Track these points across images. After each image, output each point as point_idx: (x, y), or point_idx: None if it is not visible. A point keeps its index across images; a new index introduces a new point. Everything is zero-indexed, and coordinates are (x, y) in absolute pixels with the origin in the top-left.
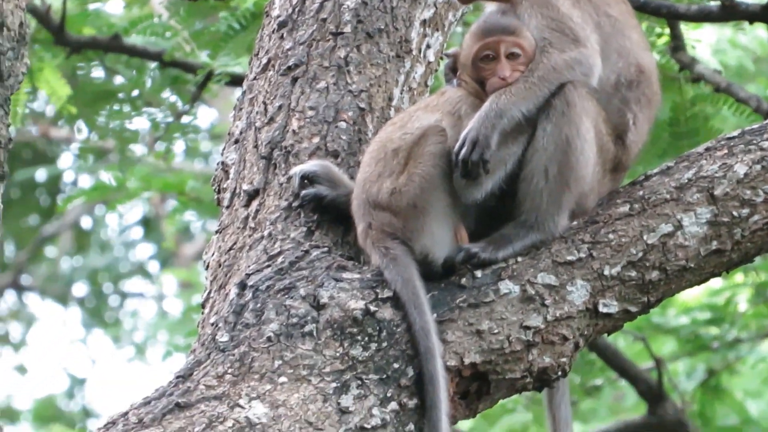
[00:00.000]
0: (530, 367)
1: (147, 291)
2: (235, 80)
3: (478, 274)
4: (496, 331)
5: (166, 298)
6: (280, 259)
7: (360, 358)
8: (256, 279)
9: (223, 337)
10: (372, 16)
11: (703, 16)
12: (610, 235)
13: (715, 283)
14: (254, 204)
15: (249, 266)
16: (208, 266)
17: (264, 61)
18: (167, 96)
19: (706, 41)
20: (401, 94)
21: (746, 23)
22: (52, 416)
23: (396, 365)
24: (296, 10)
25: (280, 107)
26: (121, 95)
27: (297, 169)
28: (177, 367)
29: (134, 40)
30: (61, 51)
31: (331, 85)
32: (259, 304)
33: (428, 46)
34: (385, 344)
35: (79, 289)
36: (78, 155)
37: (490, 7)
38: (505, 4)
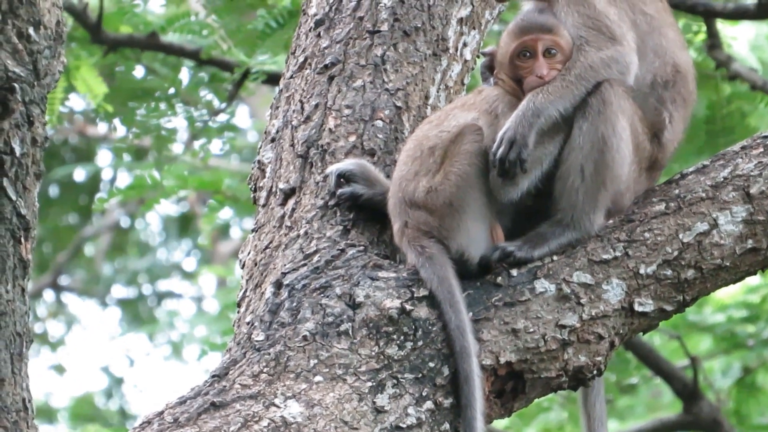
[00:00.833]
0: (566, 366)
1: (185, 291)
2: (272, 78)
3: (514, 272)
4: (531, 329)
5: (205, 298)
6: (315, 258)
7: (395, 357)
8: (291, 278)
9: (259, 336)
10: (409, 15)
11: (740, 14)
12: (646, 234)
13: (752, 280)
14: (290, 202)
15: (285, 265)
16: (244, 265)
17: (301, 59)
18: (204, 94)
19: (744, 38)
20: (438, 92)
21: None
22: (88, 415)
23: (431, 364)
24: (333, 8)
25: (316, 106)
26: (158, 93)
27: (333, 168)
28: (213, 366)
29: (171, 38)
30: (97, 49)
31: (367, 84)
32: (294, 303)
33: (465, 45)
34: (420, 343)
35: (119, 291)
36: (116, 154)
37: (527, 5)
38: (541, 2)
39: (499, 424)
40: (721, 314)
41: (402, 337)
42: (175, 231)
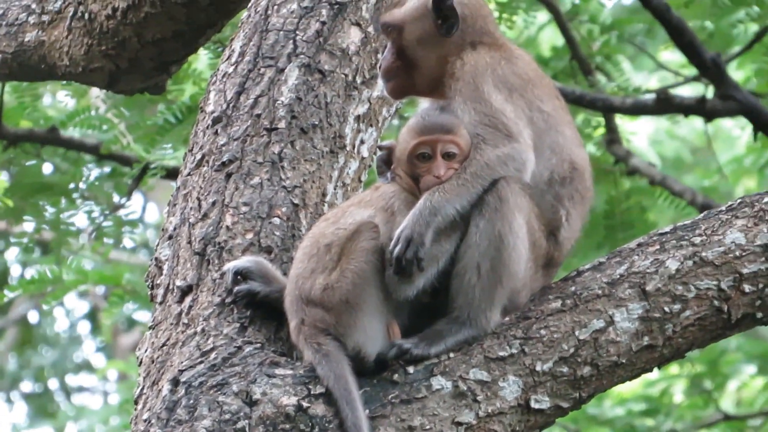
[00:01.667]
0: None
1: (93, 385)
2: (172, 174)
3: (411, 370)
4: (428, 427)
5: (110, 393)
6: (213, 355)
7: None
8: (188, 375)
9: None
10: (306, 112)
11: (639, 110)
12: (542, 331)
13: (651, 374)
14: (187, 300)
15: (182, 362)
16: (141, 362)
17: (198, 156)
18: (105, 188)
19: (644, 132)
20: (335, 189)
21: (681, 116)
22: None
23: None
24: (230, 105)
25: (214, 203)
26: (59, 188)
27: (230, 265)
28: None
29: (71, 132)
30: None
31: (264, 181)
32: (191, 401)
33: (362, 142)
34: None
35: (25, 386)
36: (23, 248)
37: (426, 102)
38: (438, 99)
39: None
40: (621, 408)
41: None
42: (84, 325)
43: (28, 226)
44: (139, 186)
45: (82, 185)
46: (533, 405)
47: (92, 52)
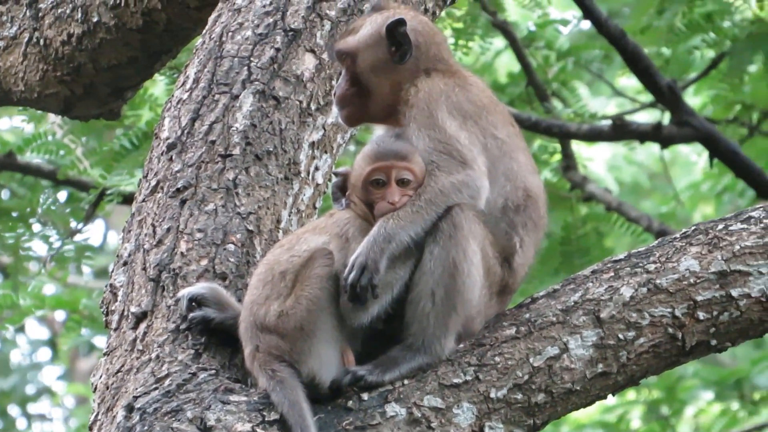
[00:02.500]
0: None
1: (54, 413)
2: (128, 199)
3: (365, 396)
4: None
5: (71, 418)
6: (167, 382)
7: None
8: (143, 401)
9: None
10: (261, 138)
11: (595, 136)
12: (497, 358)
13: (608, 400)
14: (142, 326)
15: (136, 389)
16: (96, 388)
17: (153, 183)
18: (62, 213)
19: (602, 157)
20: (289, 216)
21: (638, 142)
22: None
23: None
24: (185, 131)
25: (168, 229)
26: (15, 214)
27: (185, 292)
28: None
29: (28, 158)
30: None
31: (219, 207)
32: (146, 427)
33: (317, 168)
34: None
35: None
36: None
37: (381, 128)
38: (393, 126)
39: None
40: None
41: None
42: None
43: None
44: (96, 211)
45: (39, 210)
46: None
47: (47, 77)
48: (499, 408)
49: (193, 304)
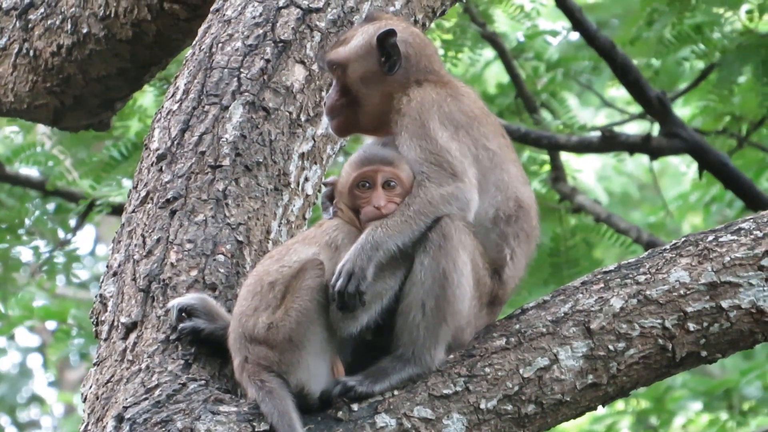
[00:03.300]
0: None
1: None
2: (117, 210)
3: (355, 407)
4: None
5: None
6: (157, 392)
7: None
8: (133, 412)
9: None
10: (250, 150)
11: (584, 147)
12: (487, 369)
13: (597, 411)
14: (132, 337)
15: (126, 399)
16: (85, 399)
17: (143, 193)
18: (50, 224)
19: (591, 168)
20: (279, 227)
21: (627, 154)
22: None
23: None
24: (175, 142)
25: (158, 240)
26: (4, 224)
27: (175, 302)
28: None
29: (17, 168)
30: None
31: (209, 218)
32: None
33: (306, 179)
34: None
35: None
36: None
37: (370, 138)
38: (383, 136)
39: None
40: None
41: None
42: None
43: None
44: (84, 222)
45: (28, 221)
46: None
47: (37, 88)
48: (489, 419)
49: (183, 314)
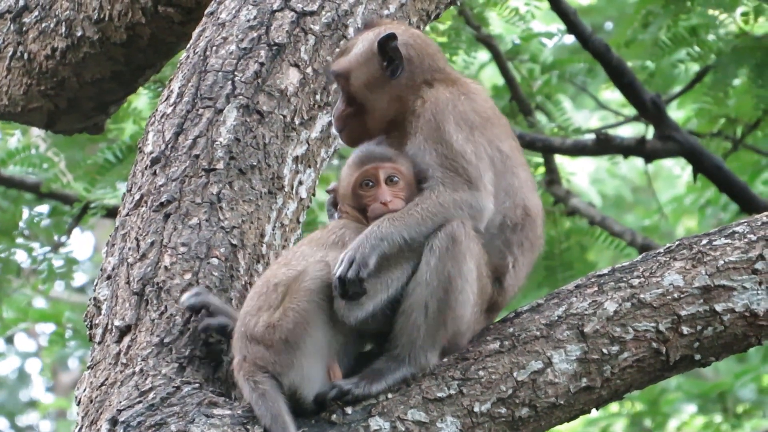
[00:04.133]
0: None
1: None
2: (112, 213)
3: (349, 410)
4: None
5: None
6: (151, 395)
7: None
8: (127, 415)
9: None
10: (245, 153)
11: (578, 150)
12: (480, 372)
13: (591, 413)
14: (126, 340)
15: (120, 402)
16: (79, 402)
17: (137, 197)
18: (45, 226)
19: (585, 171)
20: (273, 230)
21: (621, 156)
22: None
23: None
24: (169, 146)
25: (152, 243)
26: None
27: (191, 300)
28: None
29: (11, 171)
30: None
31: (203, 222)
32: None
33: (300, 183)
34: None
35: None
36: None
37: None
38: (393, 142)
39: None
40: None
41: None
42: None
43: None
44: (78, 225)
45: (22, 224)
46: None
47: (31, 92)
48: (482, 422)
49: (203, 311)
